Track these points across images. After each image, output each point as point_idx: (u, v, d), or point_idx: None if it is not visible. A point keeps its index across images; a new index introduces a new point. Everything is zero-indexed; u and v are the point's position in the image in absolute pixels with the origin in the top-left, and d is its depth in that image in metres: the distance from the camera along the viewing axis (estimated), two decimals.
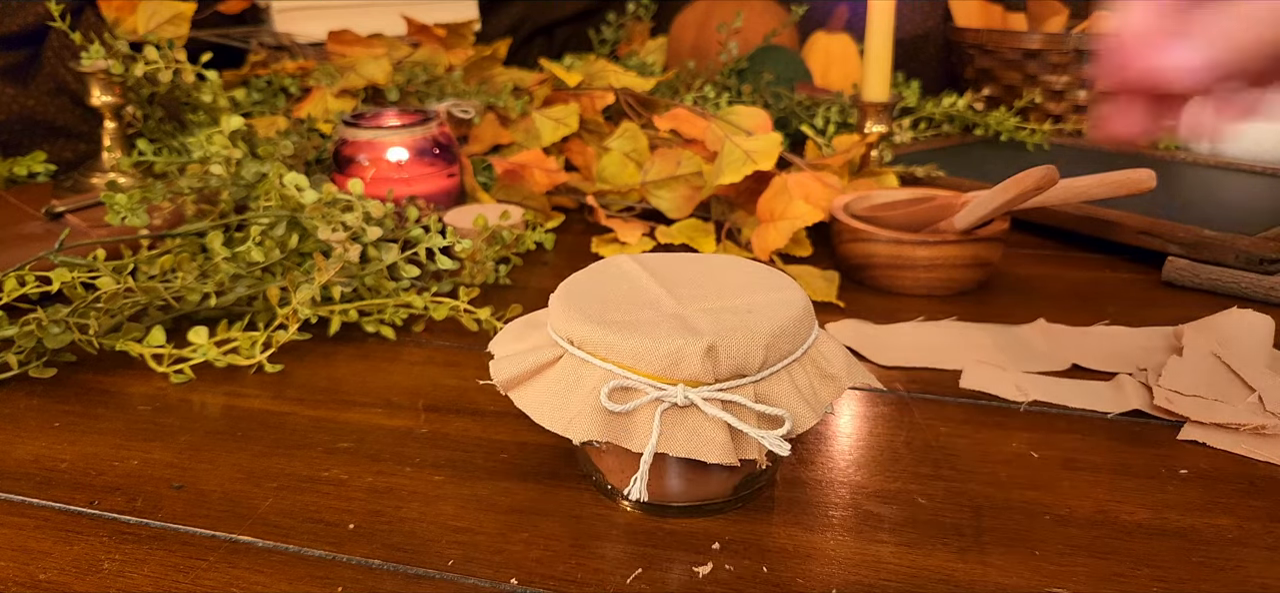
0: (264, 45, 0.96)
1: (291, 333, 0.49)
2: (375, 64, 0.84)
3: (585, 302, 0.35)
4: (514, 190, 0.73)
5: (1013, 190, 0.52)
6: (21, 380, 0.47)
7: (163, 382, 0.47)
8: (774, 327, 0.33)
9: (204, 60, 0.73)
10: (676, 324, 0.33)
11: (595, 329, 0.33)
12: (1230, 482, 0.37)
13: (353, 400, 0.45)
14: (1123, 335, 0.51)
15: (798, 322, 0.34)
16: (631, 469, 0.34)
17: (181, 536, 0.34)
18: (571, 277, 0.38)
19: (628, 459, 0.34)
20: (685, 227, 0.68)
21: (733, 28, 1.04)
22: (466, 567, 0.32)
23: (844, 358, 0.36)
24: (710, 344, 0.31)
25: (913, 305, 0.56)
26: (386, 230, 0.53)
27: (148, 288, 0.48)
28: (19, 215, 0.64)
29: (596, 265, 0.39)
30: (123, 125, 0.75)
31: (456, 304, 0.52)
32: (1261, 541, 0.33)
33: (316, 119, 0.80)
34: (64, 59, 0.81)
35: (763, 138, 0.68)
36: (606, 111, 0.85)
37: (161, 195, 0.55)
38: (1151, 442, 0.40)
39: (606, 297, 0.35)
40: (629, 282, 0.37)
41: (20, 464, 0.39)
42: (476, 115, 0.79)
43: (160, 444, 0.41)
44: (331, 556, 0.33)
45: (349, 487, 0.37)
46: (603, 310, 0.34)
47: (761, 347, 0.32)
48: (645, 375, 0.32)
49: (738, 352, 0.32)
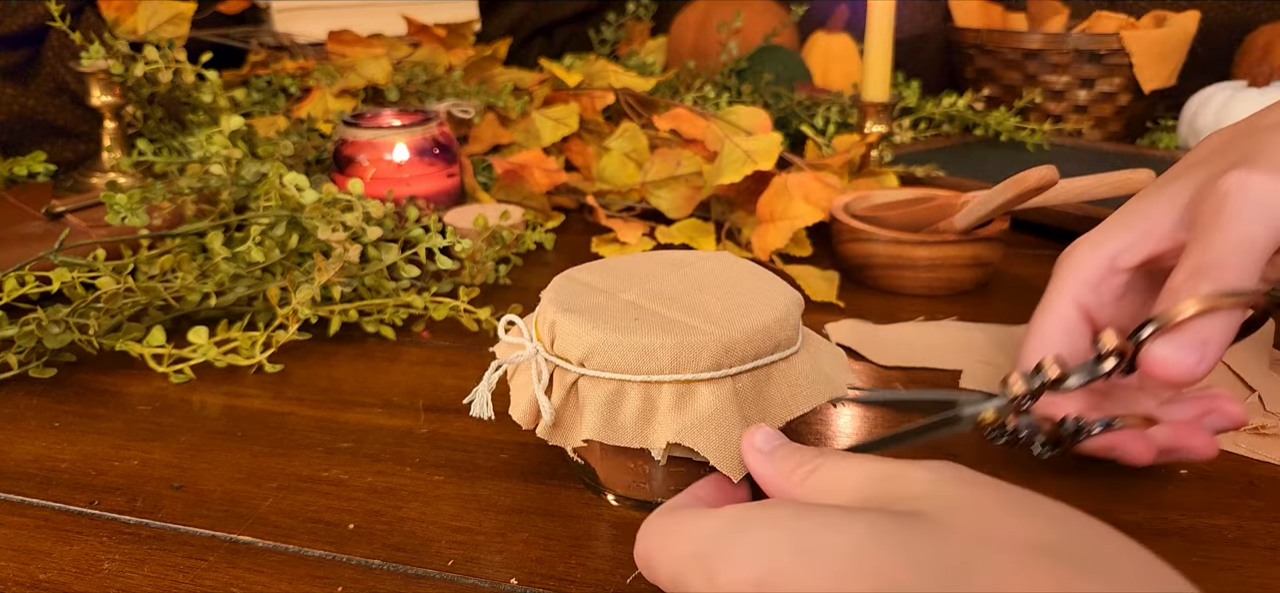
0: (264, 45, 0.96)
1: (291, 333, 0.49)
2: (375, 64, 0.84)
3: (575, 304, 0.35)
4: (514, 190, 0.73)
5: (1013, 190, 0.52)
6: (21, 380, 0.47)
7: (163, 382, 0.47)
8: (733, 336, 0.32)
9: (204, 60, 0.73)
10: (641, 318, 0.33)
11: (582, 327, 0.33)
12: (1230, 482, 0.37)
13: (353, 400, 0.45)
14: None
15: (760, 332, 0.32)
16: (621, 467, 0.34)
17: (181, 536, 0.34)
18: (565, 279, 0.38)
19: (616, 457, 0.34)
20: (685, 227, 0.68)
21: (733, 28, 1.04)
22: (466, 567, 0.32)
23: (807, 378, 0.34)
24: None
25: (913, 305, 0.56)
26: (386, 230, 0.53)
27: (148, 288, 0.48)
28: (19, 215, 0.64)
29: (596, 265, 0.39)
30: (123, 125, 0.75)
31: (456, 304, 0.52)
32: (1261, 541, 0.33)
33: (316, 119, 0.80)
34: (64, 59, 0.81)
35: (763, 138, 0.68)
36: (606, 111, 0.85)
37: (161, 195, 0.55)
38: None
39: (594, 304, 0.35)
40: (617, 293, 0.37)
41: (20, 464, 0.39)
42: (476, 115, 0.79)
43: (160, 444, 0.41)
44: (331, 556, 0.33)
45: (349, 487, 0.37)
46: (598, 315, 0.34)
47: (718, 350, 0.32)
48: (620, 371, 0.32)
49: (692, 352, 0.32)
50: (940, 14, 1.15)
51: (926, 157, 0.84)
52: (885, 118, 0.76)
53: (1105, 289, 0.36)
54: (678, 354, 0.31)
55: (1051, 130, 0.92)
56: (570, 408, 0.34)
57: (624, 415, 0.32)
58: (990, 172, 0.79)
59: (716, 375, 0.32)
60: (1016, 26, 1.11)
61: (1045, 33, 1.01)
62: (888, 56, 0.74)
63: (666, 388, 0.32)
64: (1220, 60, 1.06)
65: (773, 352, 0.33)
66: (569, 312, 0.34)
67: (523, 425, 0.35)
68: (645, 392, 0.32)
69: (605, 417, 0.32)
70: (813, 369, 0.34)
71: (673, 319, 0.33)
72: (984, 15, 1.11)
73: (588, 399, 0.32)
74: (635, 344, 0.31)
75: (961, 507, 0.21)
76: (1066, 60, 0.97)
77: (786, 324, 0.33)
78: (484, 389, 0.36)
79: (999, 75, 1.02)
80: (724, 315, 0.33)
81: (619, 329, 0.32)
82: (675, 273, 0.38)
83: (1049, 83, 0.98)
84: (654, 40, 1.19)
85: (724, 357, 0.32)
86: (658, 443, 0.31)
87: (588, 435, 0.32)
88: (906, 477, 0.23)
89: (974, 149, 0.91)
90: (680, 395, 0.31)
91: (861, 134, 0.76)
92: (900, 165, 0.78)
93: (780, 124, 0.89)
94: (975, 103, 0.96)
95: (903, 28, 1.11)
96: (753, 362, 0.32)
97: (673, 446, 0.32)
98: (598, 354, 0.32)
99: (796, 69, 1.01)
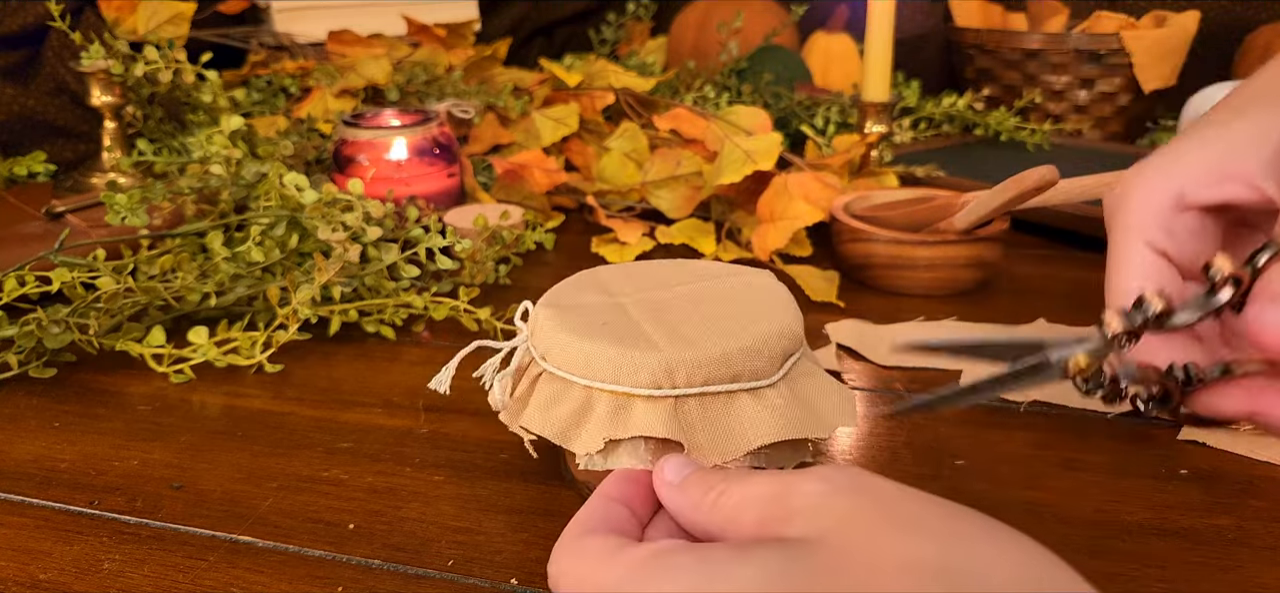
0: (264, 45, 0.96)
1: (291, 333, 0.49)
2: (375, 64, 0.84)
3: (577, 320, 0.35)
4: (514, 190, 0.73)
5: (1013, 190, 0.52)
6: (21, 380, 0.47)
7: (163, 382, 0.47)
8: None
9: (204, 60, 0.73)
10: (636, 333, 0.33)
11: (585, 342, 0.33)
12: (1230, 482, 0.37)
13: (353, 400, 0.45)
14: None
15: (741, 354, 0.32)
16: None
17: (181, 536, 0.34)
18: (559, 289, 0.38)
19: None
20: (685, 227, 0.68)
21: (733, 28, 1.04)
22: (466, 567, 0.32)
23: (769, 423, 0.32)
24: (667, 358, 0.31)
25: (913, 305, 0.56)
26: (386, 230, 0.53)
27: (148, 288, 0.48)
28: (19, 215, 0.64)
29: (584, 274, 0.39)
30: (123, 125, 0.75)
31: (456, 304, 0.52)
32: (1261, 541, 0.33)
33: (316, 119, 0.80)
34: (64, 59, 0.81)
35: (763, 138, 0.68)
36: (606, 111, 0.85)
37: (161, 195, 0.55)
38: (1151, 442, 0.40)
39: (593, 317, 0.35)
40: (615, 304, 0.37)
41: (20, 464, 0.39)
42: (476, 115, 0.79)
43: (160, 444, 0.41)
44: (331, 556, 0.33)
45: (349, 487, 0.37)
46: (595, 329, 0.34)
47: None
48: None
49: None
50: (940, 14, 1.15)
51: (926, 156, 0.84)
52: (885, 118, 0.76)
53: (1179, 229, 0.32)
54: (619, 366, 0.31)
55: (1051, 130, 0.92)
56: (526, 397, 0.34)
57: (560, 412, 0.32)
58: (990, 172, 0.79)
59: (655, 394, 0.31)
60: (1016, 26, 1.11)
61: (1045, 33, 1.01)
62: (888, 56, 0.74)
63: (604, 396, 0.32)
64: (1220, 60, 1.06)
65: (729, 380, 0.32)
66: (549, 307, 0.35)
67: (493, 407, 0.35)
68: (587, 396, 0.32)
69: (544, 409, 0.33)
70: (789, 405, 0.32)
71: (641, 332, 0.33)
72: (984, 15, 1.11)
73: (538, 391, 0.33)
74: (583, 349, 0.32)
75: (849, 525, 0.22)
76: (1066, 60, 0.97)
77: (756, 355, 0.32)
78: (452, 366, 0.37)
79: (999, 75, 1.02)
80: (692, 336, 0.32)
81: (577, 332, 0.33)
82: (692, 285, 0.37)
83: (1049, 83, 0.98)
84: (654, 40, 1.19)
85: (665, 377, 0.31)
86: (581, 447, 0.31)
87: (524, 422, 0.33)
88: (799, 491, 0.23)
89: (974, 149, 0.91)
90: (618, 407, 0.31)
91: (861, 134, 0.76)
92: (900, 165, 0.78)
93: (780, 124, 0.89)
94: (975, 103, 0.96)
95: (903, 28, 1.11)
96: (701, 387, 0.31)
97: (603, 454, 0.31)
98: (555, 352, 0.33)
99: (796, 69, 1.01)
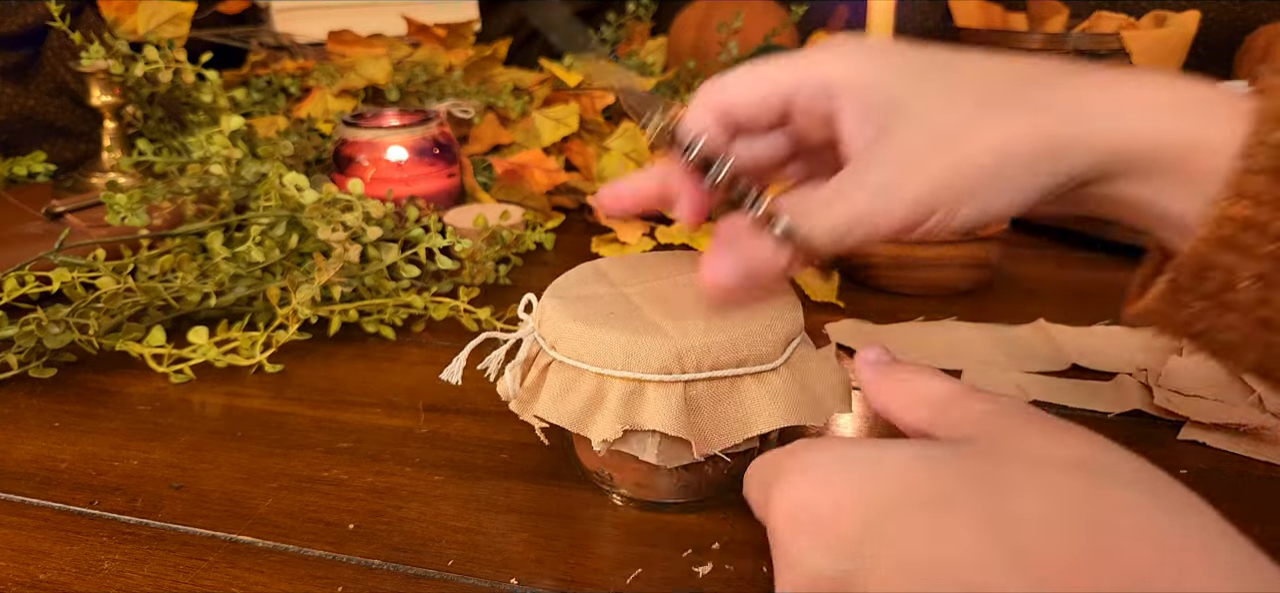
0: (264, 45, 0.96)
1: (291, 333, 0.49)
2: (375, 64, 0.84)
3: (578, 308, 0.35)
4: (514, 190, 0.73)
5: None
6: (21, 380, 0.47)
7: (163, 382, 0.47)
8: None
9: (204, 60, 0.73)
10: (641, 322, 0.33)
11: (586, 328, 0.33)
12: (1230, 482, 0.37)
13: (353, 400, 0.45)
14: (1123, 335, 0.51)
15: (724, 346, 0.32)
16: (621, 461, 0.34)
17: (181, 536, 0.34)
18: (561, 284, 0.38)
19: (623, 459, 0.34)
20: (685, 226, 0.68)
21: (733, 28, 1.04)
22: (466, 567, 0.32)
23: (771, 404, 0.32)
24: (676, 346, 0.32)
25: (913, 305, 0.56)
26: (386, 230, 0.53)
27: (148, 288, 0.48)
28: (19, 215, 0.64)
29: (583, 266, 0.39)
30: (123, 125, 0.75)
31: (456, 304, 0.52)
32: (1261, 541, 0.33)
33: (316, 119, 0.80)
34: (64, 59, 0.81)
35: None
36: (606, 111, 0.85)
37: (161, 195, 0.55)
38: (1151, 442, 0.40)
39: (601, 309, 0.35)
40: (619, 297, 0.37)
41: (20, 464, 0.39)
42: (476, 115, 0.79)
43: (160, 444, 0.41)
44: (331, 556, 0.33)
45: (349, 487, 0.37)
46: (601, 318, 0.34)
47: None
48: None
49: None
50: (940, 14, 1.15)
51: None
52: None
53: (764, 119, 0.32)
54: (630, 353, 0.32)
55: None
56: (537, 386, 0.34)
57: (573, 400, 0.33)
58: None
59: (666, 379, 0.31)
60: (1016, 26, 1.11)
61: (1045, 33, 1.01)
62: None
63: (617, 383, 0.32)
64: (1220, 60, 1.06)
65: (736, 365, 0.32)
66: (557, 297, 0.35)
67: (502, 397, 0.35)
68: (599, 383, 0.32)
69: (557, 398, 0.33)
70: (790, 389, 0.33)
71: (650, 320, 0.33)
72: (984, 15, 1.11)
73: (550, 380, 0.34)
74: (594, 337, 0.32)
75: (1009, 432, 0.24)
76: (1066, 60, 0.97)
77: (761, 340, 0.32)
78: (463, 357, 0.37)
79: None
80: (699, 324, 0.32)
81: (588, 321, 0.33)
82: (691, 275, 0.37)
83: None
84: (654, 40, 1.19)
85: (675, 362, 0.31)
86: (596, 434, 0.32)
87: (538, 411, 0.33)
88: (969, 403, 0.26)
89: None
90: (630, 394, 0.32)
91: None
92: None
93: None
94: None
95: (903, 28, 1.11)
96: (709, 372, 0.32)
97: (623, 440, 0.32)
98: (564, 342, 0.33)
99: None
